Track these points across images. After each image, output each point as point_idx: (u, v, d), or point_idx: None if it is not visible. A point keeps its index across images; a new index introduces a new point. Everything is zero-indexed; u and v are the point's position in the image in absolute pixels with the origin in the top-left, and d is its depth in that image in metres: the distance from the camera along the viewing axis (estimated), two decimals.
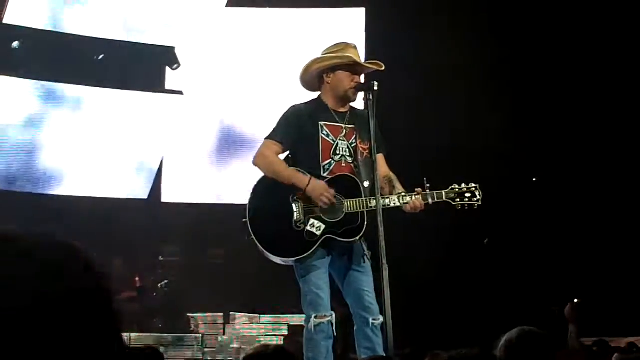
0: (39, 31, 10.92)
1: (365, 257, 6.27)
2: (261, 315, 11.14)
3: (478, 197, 6.38)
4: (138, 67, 11.72)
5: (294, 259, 6.24)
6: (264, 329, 11.08)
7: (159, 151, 12.01)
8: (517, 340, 4.19)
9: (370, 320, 6.15)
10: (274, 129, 6.54)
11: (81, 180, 11.70)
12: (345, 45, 6.60)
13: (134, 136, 11.82)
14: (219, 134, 12.21)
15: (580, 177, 11.68)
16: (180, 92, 11.99)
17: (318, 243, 6.19)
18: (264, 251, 6.27)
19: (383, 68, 6.46)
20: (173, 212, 11.94)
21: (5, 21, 10.64)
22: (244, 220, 6.30)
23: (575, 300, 10.11)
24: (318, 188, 6.20)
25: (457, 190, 6.36)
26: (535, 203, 11.73)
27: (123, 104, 11.69)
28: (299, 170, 6.34)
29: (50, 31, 10.95)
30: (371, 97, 6.13)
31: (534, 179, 12.22)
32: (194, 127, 12.19)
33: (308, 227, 6.21)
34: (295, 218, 6.25)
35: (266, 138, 6.54)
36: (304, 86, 6.71)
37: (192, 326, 11.10)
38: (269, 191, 6.37)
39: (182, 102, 11.98)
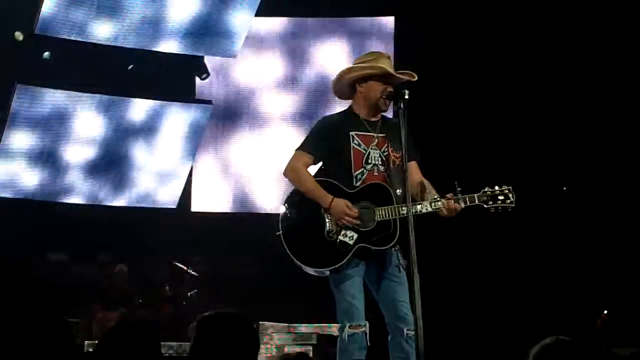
0: (69, 42, 10.95)
1: (401, 267, 6.25)
2: (290, 325, 11.13)
3: (512, 199, 6.31)
4: (167, 77, 11.76)
5: (328, 269, 6.23)
6: (293, 338, 11.06)
7: (188, 161, 12.04)
8: (550, 350, 4.16)
9: (405, 331, 6.11)
10: (305, 140, 6.53)
11: (110, 189, 11.74)
12: (378, 55, 6.58)
13: (163, 146, 11.85)
14: (248, 143, 12.22)
15: (611, 186, 11.61)
16: (209, 102, 12.01)
17: (351, 252, 6.17)
18: (298, 263, 6.26)
19: (415, 78, 6.42)
20: (202, 221, 11.96)
21: (37, 32, 10.69)
22: (277, 233, 6.30)
23: (605, 312, 10.03)
24: (339, 208, 6.19)
25: (489, 193, 6.29)
26: (566, 212, 11.67)
27: (152, 113, 11.72)
28: (328, 181, 6.34)
29: (80, 42, 10.99)
30: (402, 106, 6.11)
31: (565, 188, 12.16)
32: (223, 137, 12.22)
33: (341, 237, 6.19)
34: (327, 228, 6.23)
35: (297, 149, 6.52)
36: (335, 94, 6.70)
37: None
38: (301, 203, 6.35)
39: (211, 112, 12.00)
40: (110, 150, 11.59)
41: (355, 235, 6.19)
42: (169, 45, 11.44)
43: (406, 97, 6.08)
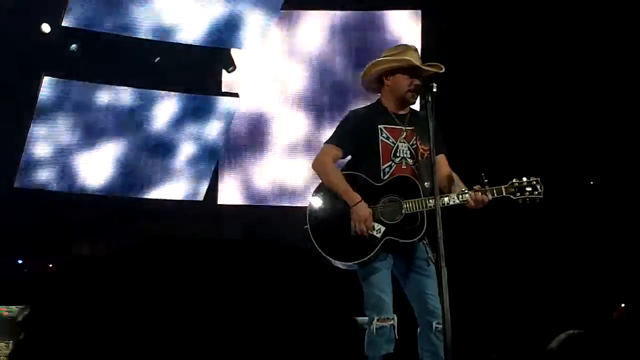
0: (96, 34, 10.97)
1: (430, 260, 6.26)
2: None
3: (539, 190, 6.33)
4: (194, 69, 11.76)
5: (355, 262, 6.24)
6: None
7: (215, 153, 12.03)
8: (565, 344, 4.16)
9: (434, 324, 6.13)
10: (334, 133, 6.57)
11: (136, 182, 11.75)
12: (405, 48, 6.60)
13: (190, 138, 11.85)
14: (275, 136, 12.20)
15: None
16: (236, 95, 12.00)
17: (379, 245, 6.19)
18: (326, 256, 6.27)
19: (443, 70, 6.43)
20: (229, 214, 11.96)
21: (63, 24, 10.71)
22: (305, 227, 6.33)
23: (622, 305, 9.97)
24: (360, 214, 6.21)
25: (517, 184, 6.31)
26: (593, 207, 11.60)
27: (179, 106, 11.72)
28: (356, 175, 6.35)
29: (107, 34, 11.00)
30: (430, 99, 6.11)
31: (592, 182, 12.09)
32: (250, 130, 12.20)
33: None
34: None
35: (326, 142, 6.55)
36: (364, 88, 6.73)
37: None
38: (329, 196, 6.38)
39: (238, 105, 11.99)
40: (137, 143, 11.60)
41: (383, 228, 6.21)
42: (196, 38, 11.43)
43: (434, 90, 6.09)
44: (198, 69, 11.80)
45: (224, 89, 12.12)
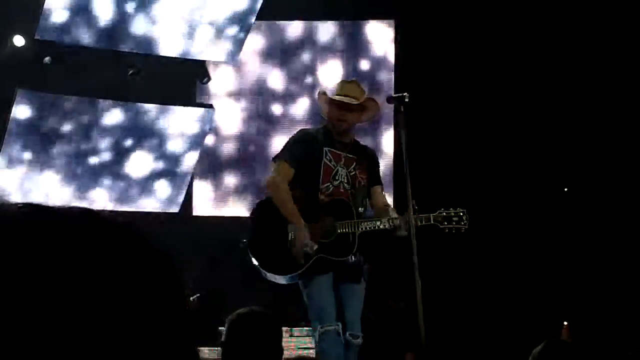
0: (70, 46, 10.96)
1: (363, 277, 6.62)
2: (293, 329, 11.14)
3: (465, 221, 6.65)
4: (168, 81, 11.76)
5: (287, 276, 6.54)
6: (296, 342, 11.06)
7: (191, 165, 12.04)
8: (543, 352, 4.22)
9: (347, 333, 6.43)
10: (284, 150, 6.83)
11: (112, 194, 11.75)
12: (342, 83, 6.87)
13: (165, 150, 11.86)
14: (250, 147, 12.24)
15: (615, 187, 11.59)
16: (210, 106, 12.02)
17: (310, 262, 6.45)
18: (262, 270, 6.56)
19: (355, 103, 6.62)
20: (204, 225, 11.98)
21: (37, 37, 10.70)
22: (244, 240, 6.63)
23: (565, 323, 10.07)
24: (302, 238, 6.42)
25: (444, 214, 6.60)
26: (567, 214, 11.65)
27: (153, 117, 11.73)
28: (302, 196, 6.58)
29: (81, 46, 10.99)
30: (402, 109, 6.26)
31: (566, 189, 12.14)
32: (225, 141, 12.23)
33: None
34: (290, 238, 6.48)
35: (280, 159, 6.73)
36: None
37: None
38: (267, 213, 6.62)
39: (212, 116, 12.00)
40: (111, 155, 11.60)
41: (316, 246, 6.47)
42: (171, 50, 11.44)
43: (406, 100, 6.24)
44: (172, 81, 11.81)
45: (198, 100, 12.14)
